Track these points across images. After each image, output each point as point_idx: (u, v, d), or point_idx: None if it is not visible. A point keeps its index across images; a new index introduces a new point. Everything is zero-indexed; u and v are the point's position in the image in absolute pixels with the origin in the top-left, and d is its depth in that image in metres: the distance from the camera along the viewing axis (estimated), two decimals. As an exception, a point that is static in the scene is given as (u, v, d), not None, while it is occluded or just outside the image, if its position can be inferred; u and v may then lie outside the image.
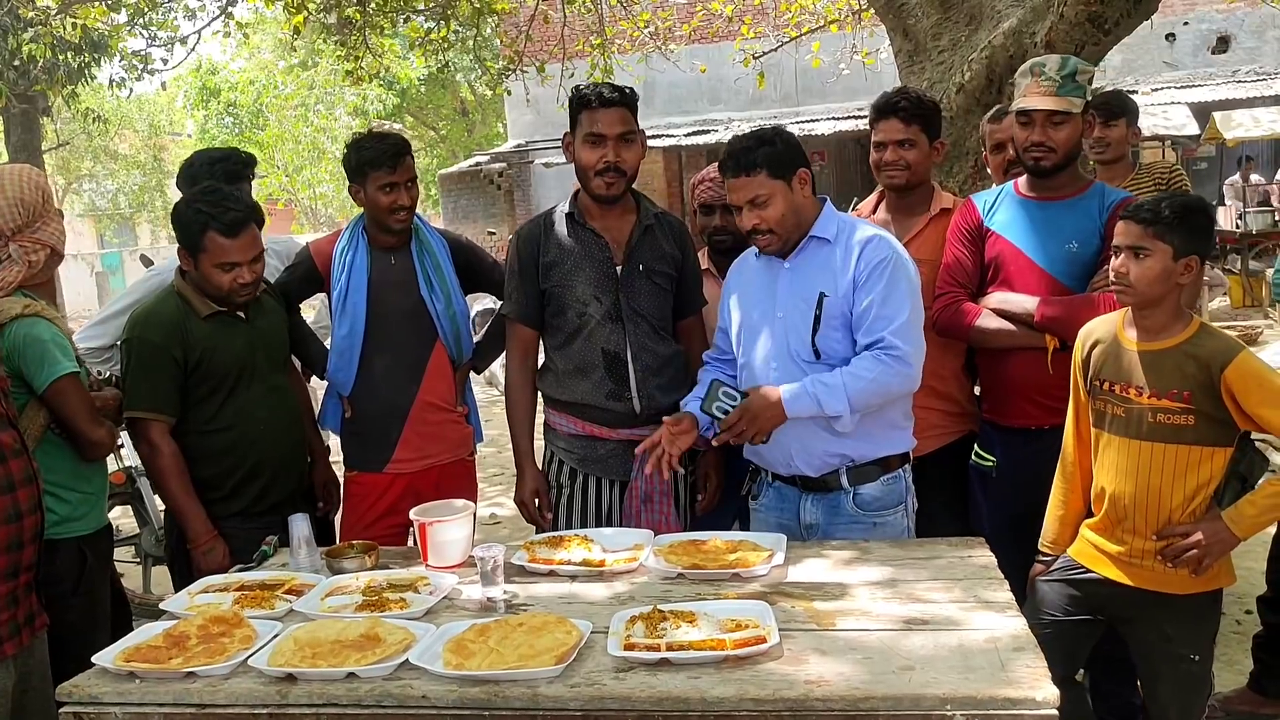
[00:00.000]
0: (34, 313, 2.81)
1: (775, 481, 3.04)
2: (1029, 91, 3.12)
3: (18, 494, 2.48)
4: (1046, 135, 3.09)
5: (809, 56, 11.27)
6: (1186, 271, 2.57)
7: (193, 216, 3.07)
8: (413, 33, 10.62)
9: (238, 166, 3.70)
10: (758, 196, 2.82)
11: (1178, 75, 16.19)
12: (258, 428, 3.22)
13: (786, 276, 2.92)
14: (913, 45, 5.61)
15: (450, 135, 27.49)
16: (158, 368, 3.10)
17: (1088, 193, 3.17)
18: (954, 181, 5.08)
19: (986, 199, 3.32)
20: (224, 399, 3.18)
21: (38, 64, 13.02)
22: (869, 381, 2.75)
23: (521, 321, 3.31)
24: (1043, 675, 1.99)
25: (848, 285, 2.82)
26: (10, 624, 2.49)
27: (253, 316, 3.25)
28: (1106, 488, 2.69)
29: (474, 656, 2.17)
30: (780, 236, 2.87)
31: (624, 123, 3.13)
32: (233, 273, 3.09)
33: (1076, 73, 3.08)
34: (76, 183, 30.87)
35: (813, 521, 2.97)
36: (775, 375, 2.88)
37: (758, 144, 2.82)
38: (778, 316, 2.91)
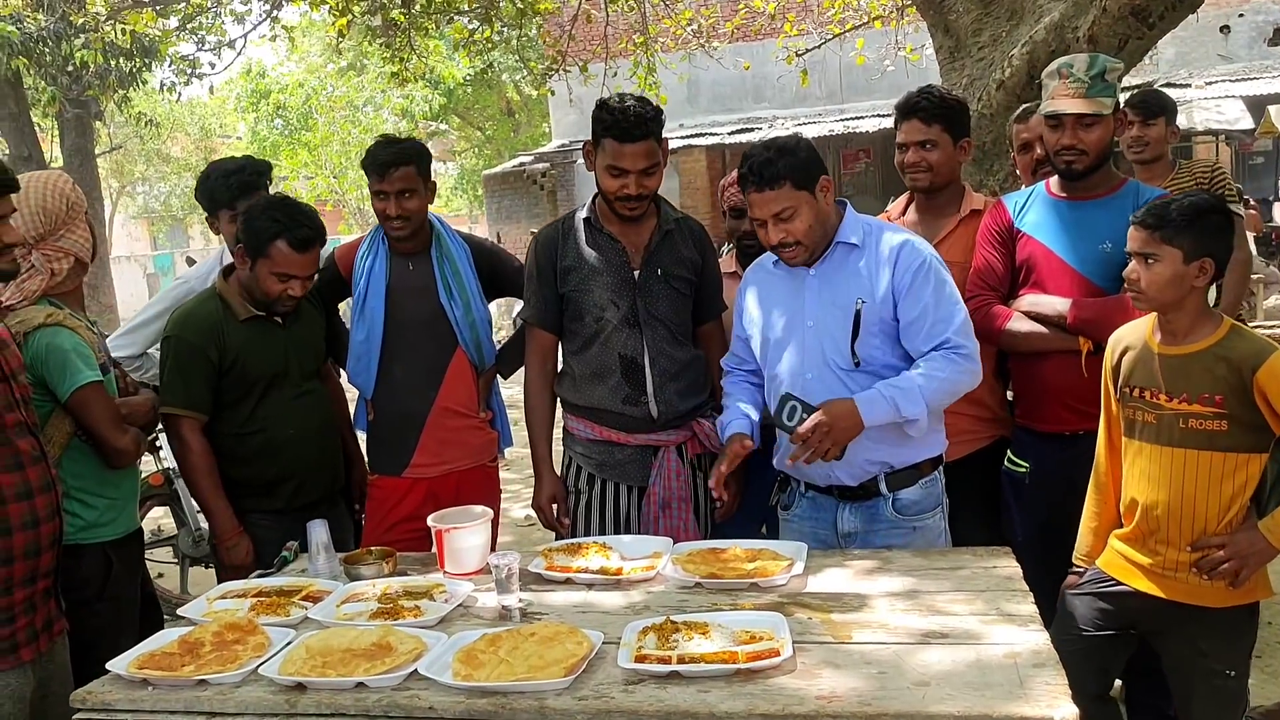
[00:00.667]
0: (56, 322, 2.83)
1: (809, 491, 2.98)
2: (1057, 94, 3.03)
3: (35, 501, 2.50)
4: (1077, 138, 3.01)
5: (853, 53, 11.17)
6: (1201, 274, 2.49)
7: (266, 224, 3.13)
8: (457, 33, 10.67)
9: (253, 178, 3.72)
10: (784, 210, 2.75)
11: (1232, 68, 15.81)
12: (288, 431, 3.26)
13: (813, 284, 2.86)
14: (954, 42, 5.53)
15: (496, 136, 27.58)
16: (193, 367, 3.16)
17: (1121, 191, 3.09)
18: (994, 180, 5.00)
19: (1017, 200, 3.25)
20: (256, 402, 3.24)
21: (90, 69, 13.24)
22: (943, 381, 2.73)
23: (540, 326, 3.29)
24: (1062, 693, 1.92)
25: (886, 292, 2.77)
26: (28, 629, 2.51)
27: (290, 323, 3.29)
28: (1138, 497, 2.61)
29: (483, 667, 2.15)
30: (808, 248, 2.82)
31: (648, 156, 3.07)
32: (287, 284, 3.16)
33: (1105, 71, 3.00)
34: (130, 186, 31.41)
35: (851, 530, 2.91)
36: (811, 384, 2.82)
37: (779, 154, 2.73)
38: (807, 325, 2.85)
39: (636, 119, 3.02)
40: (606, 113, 3.06)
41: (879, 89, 15.38)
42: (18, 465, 2.47)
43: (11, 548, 2.44)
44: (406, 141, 3.45)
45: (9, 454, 2.45)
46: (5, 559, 2.43)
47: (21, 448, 2.49)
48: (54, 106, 14.11)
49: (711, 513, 3.29)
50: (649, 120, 3.04)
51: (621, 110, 3.03)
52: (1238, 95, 13.99)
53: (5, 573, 2.44)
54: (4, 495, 2.43)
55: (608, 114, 3.06)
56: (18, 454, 2.48)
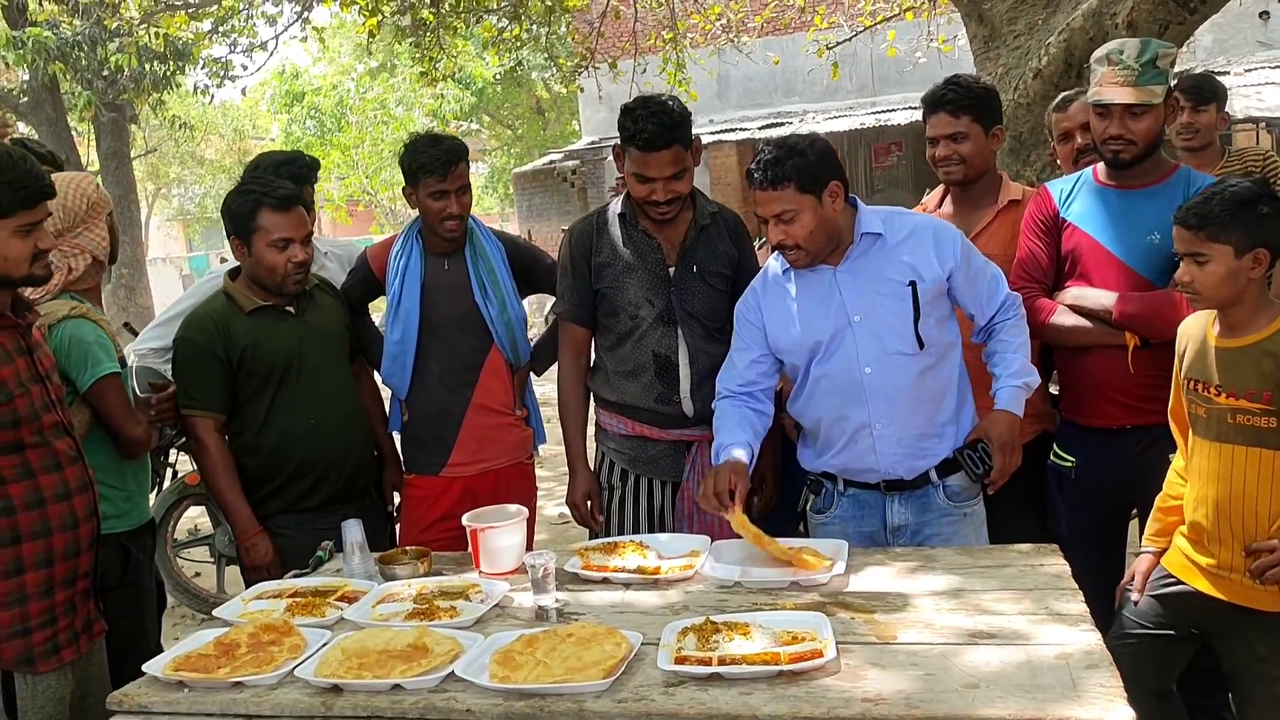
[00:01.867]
0: (80, 314, 2.85)
1: (849, 490, 2.93)
2: (1106, 81, 2.92)
3: (74, 501, 2.50)
4: (1126, 127, 2.90)
5: (884, 45, 11.10)
6: (1257, 265, 2.41)
7: (244, 199, 3.12)
8: (486, 32, 10.67)
9: (303, 170, 3.72)
10: (785, 212, 2.70)
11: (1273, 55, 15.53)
12: (306, 423, 3.20)
13: (846, 280, 2.81)
14: (988, 31, 5.45)
15: (526, 134, 27.62)
16: (201, 366, 3.14)
17: (1172, 179, 2.98)
18: (1031, 170, 4.92)
19: (1063, 187, 3.15)
20: (273, 394, 3.18)
21: (125, 73, 13.39)
22: (1027, 343, 2.88)
23: (574, 321, 3.26)
24: (1117, 695, 1.86)
25: (934, 272, 2.78)
26: (69, 631, 2.51)
27: (304, 310, 3.24)
28: (1194, 494, 2.54)
29: (521, 669, 2.11)
30: (809, 253, 2.76)
31: (674, 163, 3.02)
32: (287, 251, 3.11)
33: (1157, 58, 2.88)
34: (165, 188, 31.68)
35: (902, 522, 2.88)
36: (871, 378, 2.78)
37: (788, 155, 2.69)
38: (854, 321, 2.79)
39: (658, 129, 2.97)
40: (630, 121, 3.02)
41: (910, 81, 15.23)
42: (56, 466, 2.47)
43: (52, 549, 2.44)
44: (450, 138, 3.41)
45: (47, 455, 2.46)
46: (46, 561, 2.44)
47: (59, 448, 2.49)
48: (90, 111, 14.27)
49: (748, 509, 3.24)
50: (672, 128, 2.99)
51: (643, 118, 2.99)
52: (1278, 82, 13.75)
53: (46, 575, 2.44)
54: (44, 496, 2.43)
55: (630, 123, 3.01)
56: (55, 455, 2.48)
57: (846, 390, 2.82)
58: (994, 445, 2.75)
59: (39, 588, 2.44)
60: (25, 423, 2.40)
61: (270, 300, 3.19)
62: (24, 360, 2.44)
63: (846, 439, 2.86)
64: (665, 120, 2.98)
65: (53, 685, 2.46)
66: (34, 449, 2.43)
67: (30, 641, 2.43)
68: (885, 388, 2.77)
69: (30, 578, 2.42)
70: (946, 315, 2.85)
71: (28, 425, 2.41)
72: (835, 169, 2.75)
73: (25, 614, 2.42)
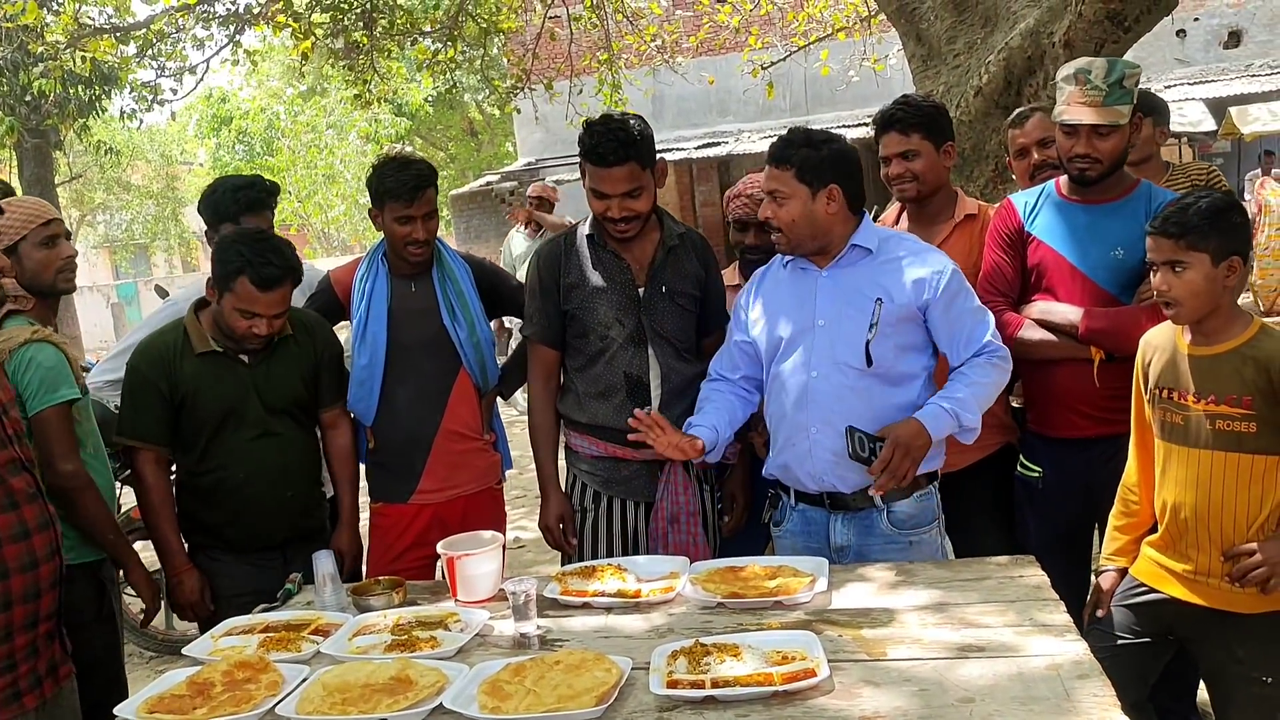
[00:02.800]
0: (42, 338, 2.79)
1: (799, 504, 2.94)
2: (1073, 100, 2.96)
3: (33, 540, 2.40)
4: (1093, 146, 2.95)
5: (818, 65, 11.20)
6: (1231, 273, 2.46)
7: (232, 257, 3.00)
8: (420, 54, 10.61)
9: (261, 195, 3.66)
10: (778, 192, 2.77)
11: (1190, 71, 16.05)
12: (241, 473, 3.09)
13: (826, 285, 2.84)
14: (926, 50, 5.54)
15: (459, 156, 27.53)
16: (144, 398, 3.07)
17: (1134, 195, 3.04)
18: (974, 186, 5.00)
19: (1027, 200, 3.19)
20: (209, 440, 3.09)
21: (49, 99, 13.06)
22: (989, 385, 2.79)
23: (543, 342, 3.24)
24: (1111, 704, 1.88)
25: (906, 299, 2.76)
26: (30, 675, 2.41)
27: (258, 361, 3.13)
28: (1168, 501, 2.57)
29: (510, 699, 2.08)
30: (788, 239, 2.81)
31: (630, 179, 3.01)
32: (251, 321, 3.02)
33: (1124, 78, 2.93)
34: (91, 214, 31.01)
35: (844, 543, 2.87)
36: (815, 383, 2.80)
37: (802, 143, 2.76)
38: (817, 325, 2.82)
39: (613, 144, 2.97)
40: (587, 136, 3.02)
41: (844, 100, 15.46)
42: (12, 505, 2.37)
43: (10, 591, 2.34)
44: (419, 162, 3.36)
45: (2, 494, 2.35)
46: (3, 604, 2.33)
47: (15, 486, 2.39)
48: (13, 137, 13.89)
49: (720, 527, 3.24)
50: (628, 145, 2.98)
51: (600, 134, 2.99)
52: (1198, 98, 14.19)
53: (4, 619, 2.33)
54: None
55: (587, 138, 3.02)
56: (11, 493, 2.38)
57: (794, 391, 2.84)
58: (889, 440, 2.68)
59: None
60: None
61: (225, 346, 3.10)
62: None
63: (785, 439, 2.88)
64: (621, 136, 2.98)
65: (12, 734, 2.36)
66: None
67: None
68: (826, 394, 2.79)
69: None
70: (912, 346, 2.83)
71: None
72: (844, 175, 2.77)
73: None
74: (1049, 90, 4.70)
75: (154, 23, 10.43)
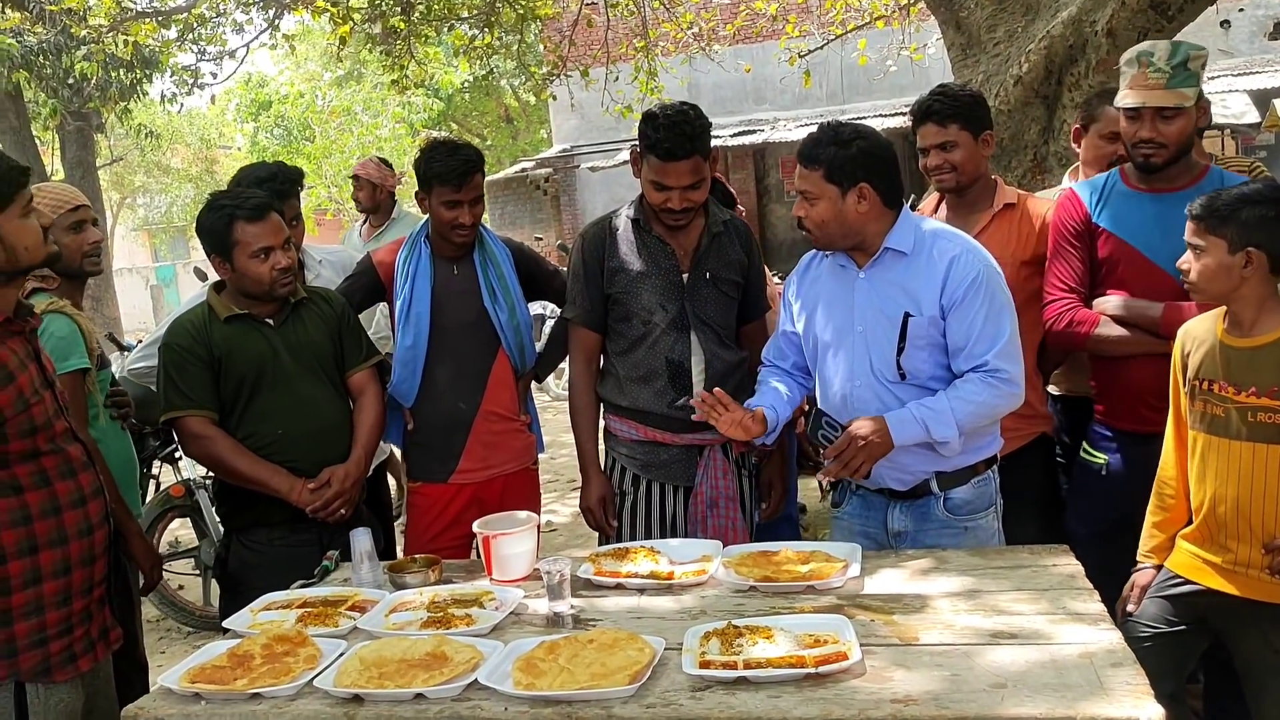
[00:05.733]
0: (56, 309, 2.84)
1: (859, 490, 2.94)
2: (1136, 84, 2.93)
3: (88, 507, 2.47)
4: (1157, 130, 2.91)
5: (855, 54, 11.13)
6: (1249, 265, 2.44)
7: (217, 215, 3.07)
8: (457, 40, 10.64)
9: (285, 185, 3.69)
10: (808, 193, 2.74)
11: (1234, 63, 15.79)
12: (273, 433, 3.11)
13: (863, 288, 2.80)
14: (966, 39, 5.50)
15: (495, 143, 27.56)
16: (187, 368, 3.09)
17: (1205, 180, 2.98)
18: (1012, 176, 4.96)
19: (1092, 191, 3.14)
20: (244, 403, 3.12)
21: (90, 82, 13.24)
22: (977, 405, 2.69)
23: (585, 326, 3.26)
24: (1145, 693, 1.88)
25: (934, 306, 2.71)
26: (85, 639, 2.48)
27: (284, 322, 3.17)
28: (1207, 493, 2.56)
29: (544, 675, 2.10)
30: (820, 238, 2.79)
31: (692, 173, 3.02)
32: (270, 259, 3.06)
33: (1188, 60, 2.89)
34: (130, 197, 31.34)
35: (901, 529, 2.87)
36: (859, 392, 2.79)
37: (829, 141, 2.70)
38: (856, 330, 2.80)
39: (680, 138, 2.97)
40: (651, 129, 3.01)
41: (881, 89, 15.36)
42: (70, 472, 2.44)
43: (69, 556, 2.41)
44: (468, 146, 3.38)
45: (62, 461, 2.43)
46: (63, 569, 2.40)
47: (72, 454, 2.46)
48: (55, 119, 14.09)
49: (758, 512, 3.26)
50: (692, 138, 2.99)
51: (665, 128, 2.98)
52: (1241, 89, 13.98)
53: (64, 583, 2.41)
54: (60, 504, 2.40)
55: (652, 131, 3.00)
56: (69, 461, 2.45)
57: (838, 397, 2.84)
58: (845, 433, 2.68)
59: (56, 596, 2.40)
60: (41, 430, 2.37)
61: (248, 309, 3.14)
62: (34, 366, 2.41)
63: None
64: (685, 130, 2.98)
65: (65, 697, 2.42)
66: (49, 456, 2.40)
67: (47, 651, 2.39)
68: (867, 403, 2.77)
69: (48, 587, 2.39)
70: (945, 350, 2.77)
71: (43, 433, 2.38)
72: (875, 172, 2.70)
73: (43, 624, 2.39)
74: (1090, 79, 4.67)
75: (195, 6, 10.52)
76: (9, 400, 2.30)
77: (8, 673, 2.35)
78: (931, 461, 2.78)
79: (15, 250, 2.35)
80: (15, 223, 2.34)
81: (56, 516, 2.39)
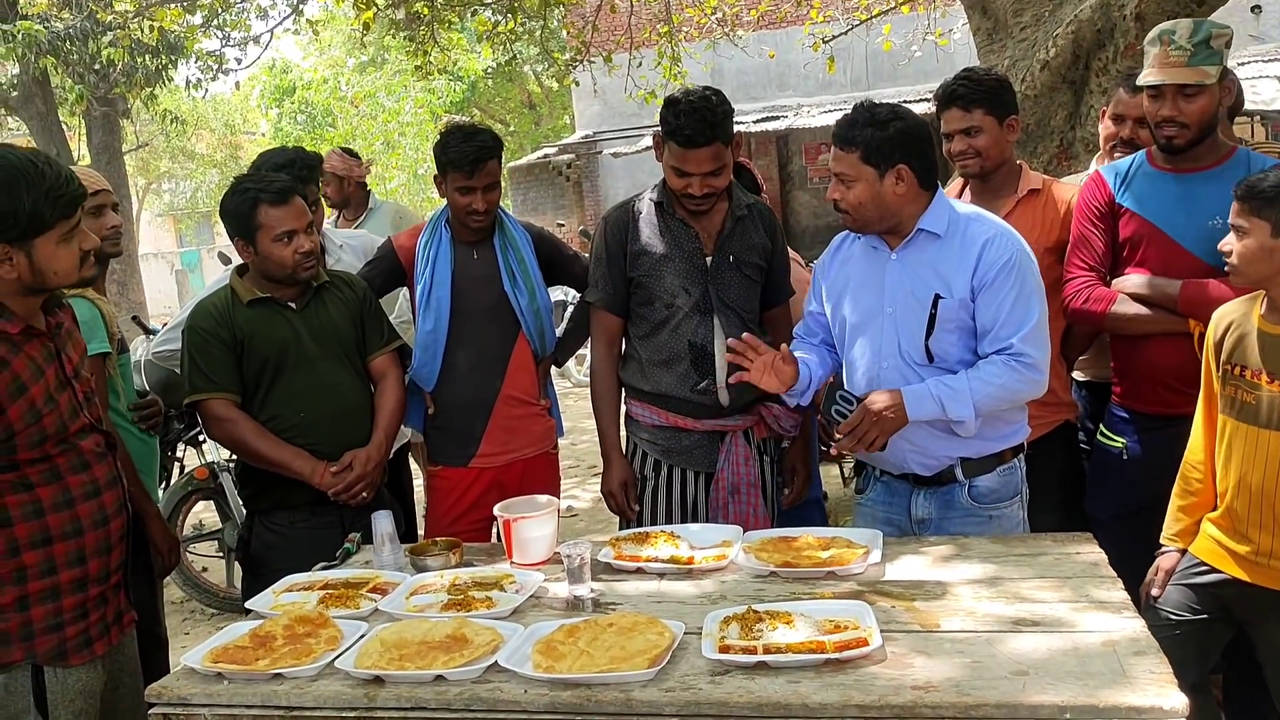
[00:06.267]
0: (77, 294, 2.85)
1: (884, 476, 2.93)
2: (1158, 62, 2.90)
3: (104, 497, 2.48)
4: (1178, 109, 2.88)
5: (880, 39, 11.07)
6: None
7: (241, 199, 3.09)
8: (480, 25, 10.63)
9: (305, 170, 3.69)
10: (844, 175, 2.71)
11: (1265, 49, 15.60)
12: (295, 416, 3.13)
13: (895, 269, 2.78)
14: (992, 23, 5.46)
15: (518, 128, 27.56)
16: (210, 351, 3.10)
17: (1231, 161, 2.95)
18: (1038, 162, 4.93)
19: (1117, 172, 3.12)
20: (267, 387, 3.13)
21: (116, 67, 13.29)
22: (997, 388, 2.66)
23: (608, 309, 3.25)
24: (1169, 681, 1.87)
25: (965, 289, 2.69)
26: (100, 623, 2.50)
27: (306, 305, 3.18)
28: (1231, 480, 2.53)
29: (564, 659, 2.11)
30: (856, 220, 2.76)
31: (713, 159, 3.00)
32: (293, 243, 3.07)
33: (1211, 38, 2.86)
34: (156, 183, 31.51)
35: (925, 516, 2.86)
36: (886, 374, 2.77)
37: (866, 123, 2.66)
38: (886, 311, 2.78)
39: (700, 125, 2.95)
40: (673, 115, 2.99)
41: (905, 75, 15.26)
42: (84, 465, 2.45)
43: (84, 547, 2.43)
44: (485, 132, 3.38)
45: (74, 456, 2.43)
46: (78, 559, 2.42)
47: (85, 447, 2.47)
48: (81, 105, 14.15)
49: (779, 498, 3.25)
50: (713, 125, 2.97)
51: (685, 115, 2.96)
52: (1272, 75, 13.81)
53: (80, 572, 2.43)
54: (73, 496, 2.41)
55: (673, 117, 2.99)
56: (82, 454, 2.46)
57: (866, 379, 2.83)
58: (860, 406, 2.68)
59: (72, 584, 2.42)
60: (51, 438, 2.38)
61: (271, 293, 3.15)
62: (53, 368, 2.41)
63: None
64: (707, 118, 2.96)
65: (83, 678, 2.44)
66: (62, 455, 2.41)
67: (63, 635, 2.41)
68: (894, 385, 2.74)
69: (65, 576, 2.40)
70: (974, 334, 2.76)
71: (53, 440, 2.39)
72: (913, 152, 2.67)
73: (59, 609, 2.40)
74: (1118, 64, 4.62)
75: (220, -8, 10.57)
76: (19, 414, 2.31)
77: (24, 655, 2.37)
78: (955, 446, 2.76)
79: (44, 274, 2.35)
80: (51, 248, 2.34)
81: (70, 509, 2.41)
